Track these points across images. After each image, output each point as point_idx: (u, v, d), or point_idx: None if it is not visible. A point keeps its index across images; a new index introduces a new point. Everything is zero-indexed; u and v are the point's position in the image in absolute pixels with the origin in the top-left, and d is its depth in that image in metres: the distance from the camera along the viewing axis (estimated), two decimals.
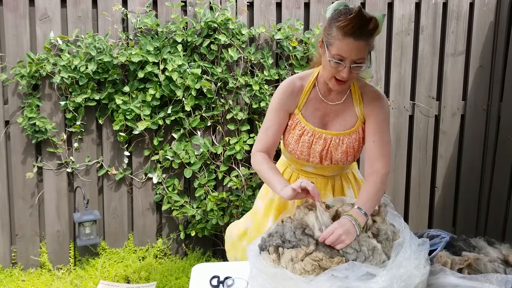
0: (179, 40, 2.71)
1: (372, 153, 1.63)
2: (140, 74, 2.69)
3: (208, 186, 2.86)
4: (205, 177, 2.86)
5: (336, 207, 1.45)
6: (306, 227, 1.26)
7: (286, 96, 1.68)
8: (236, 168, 2.86)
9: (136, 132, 2.75)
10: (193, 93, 2.72)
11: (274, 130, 1.69)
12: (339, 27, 1.46)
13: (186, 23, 2.75)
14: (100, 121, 2.79)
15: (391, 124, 3.02)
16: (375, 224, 1.33)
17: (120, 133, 2.76)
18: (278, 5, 2.85)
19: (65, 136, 2.78)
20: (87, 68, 2.65)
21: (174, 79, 2.67)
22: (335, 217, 1.40)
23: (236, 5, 2.80)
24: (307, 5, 2.87)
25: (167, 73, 2.68)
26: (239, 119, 2.82)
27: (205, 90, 2.76)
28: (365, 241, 1.24)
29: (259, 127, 2.76)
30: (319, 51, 1.63)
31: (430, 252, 1.37)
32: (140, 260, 2.89)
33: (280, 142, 1.82)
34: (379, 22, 1.50)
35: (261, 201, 1.91)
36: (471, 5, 2.97)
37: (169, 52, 2.72)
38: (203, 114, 2.81)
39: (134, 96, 2.73)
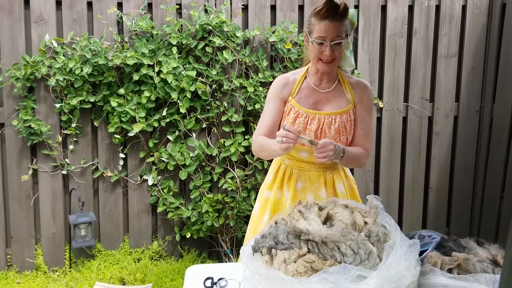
0: (174, 42, 2.72)
1: (360, 137, 1.86)
2: (135, 77, 2.70)
3: (203, 187, 2.87)
4: (200, 179, 2.87)
5: (328, 208, 1.47)
6: (300, 233, 1.28)
7: (281, 86, 1.86)
8: (231, 170, 2.87)
9: (131, 134, 2.76)
10: (188, 95, 2.73)
11: (272, 116, 1.85)
12: (315, 13, 1.71)
13: (181, 25, 2.76)
14: (95, 123, 2.80)
15: (384, 126, 3.05)
16: (367, 226, 1.34)
17: (115, 135, 2.77)
18: (273, 8, 2.87)
19: (60, 138, 2.79)
20: (82, 70, 2.66)
21: (169, 82, 2.68)
22: (327, 218, 1.41)
23: (231, 7, 2.81)
24: (301, 8, 2.89)
25: (162, 76, 2.69)
26: (234, 121, 2.84)
27: (200, 92, 2.77)
28: (363, 244, 1.25)
29: (254, 129, 2.77)
30: (306, 47, 1.83)
31: (421, 253, 1.38)
32: (135, 262, 2.90)
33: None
34: (352, 14, 1.77)
35: (257, 201, 1.97)
36: (464, 7, 3.00)
37: (164, 54, 2.73)
38: (198, 116, 2.82)
39: (129, 98, 2.74)
